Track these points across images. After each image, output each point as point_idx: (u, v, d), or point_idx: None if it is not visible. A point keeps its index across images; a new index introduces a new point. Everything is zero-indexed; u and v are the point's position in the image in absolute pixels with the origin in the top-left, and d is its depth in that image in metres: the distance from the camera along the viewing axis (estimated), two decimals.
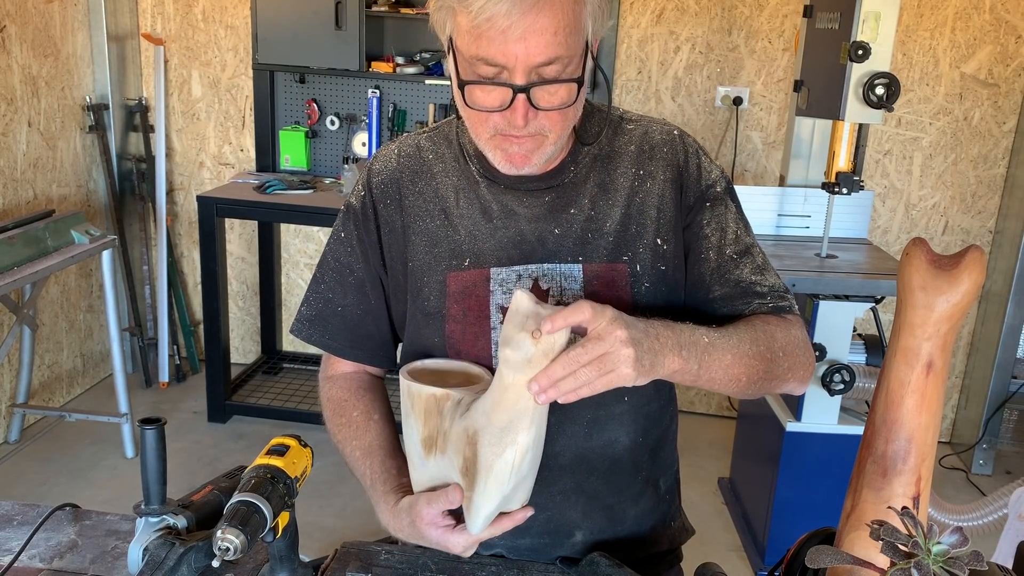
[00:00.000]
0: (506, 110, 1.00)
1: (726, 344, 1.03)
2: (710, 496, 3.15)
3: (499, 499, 0.98)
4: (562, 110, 1.02)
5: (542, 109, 1.01)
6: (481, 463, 0.95)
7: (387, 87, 3.62)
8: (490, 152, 1.07)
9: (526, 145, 1.04)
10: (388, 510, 1.10)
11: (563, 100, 1.01)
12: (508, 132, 1.03)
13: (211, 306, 3.38)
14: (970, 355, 3.58)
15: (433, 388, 1.00)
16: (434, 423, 1.01)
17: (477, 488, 0.97)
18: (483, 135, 1.06)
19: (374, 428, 1.20)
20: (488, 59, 0.97)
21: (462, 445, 0.98)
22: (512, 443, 0.94)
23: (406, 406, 1.04)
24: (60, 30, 3.39)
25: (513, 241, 1.14)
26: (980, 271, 0.85)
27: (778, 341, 1.09)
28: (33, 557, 1.14)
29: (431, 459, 1.03)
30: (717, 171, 1.18)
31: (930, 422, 0.87)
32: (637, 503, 1.22)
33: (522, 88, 0.98)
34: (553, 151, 1.07)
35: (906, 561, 0.72)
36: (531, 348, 0.89)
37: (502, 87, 0.99)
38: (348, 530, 2.80)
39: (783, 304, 1.14)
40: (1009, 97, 3.33)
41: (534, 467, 0.99)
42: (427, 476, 1.05)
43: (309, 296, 1.25)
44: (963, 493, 3.28)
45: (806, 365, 1.14)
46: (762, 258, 1.17)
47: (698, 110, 3.52)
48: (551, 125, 1.03)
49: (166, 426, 1.08)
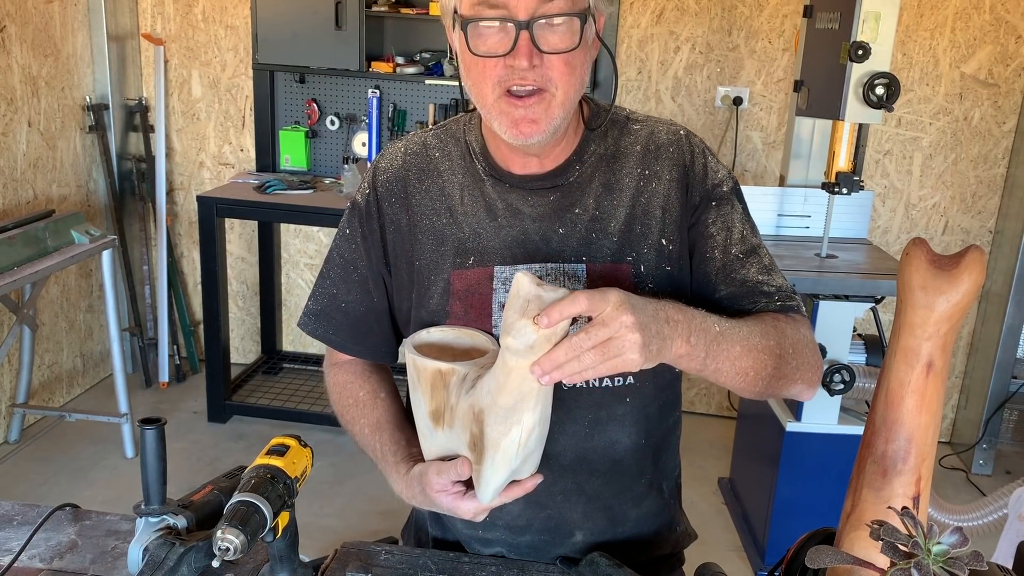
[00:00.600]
0: (509, 55, 1.00)
1: (736, 334, 1.00)
2: (710, 496, 3.15)
3: (507, 472, 0.99)
4: (568, 62, 1.02)
5: (546, 52, 1.01)
6: (488, 441, 0.96)
7: (387, 87, 3.62)
8: (496, 120, 1.05)
9: (533, 108, 1.03)
10: (400, 479, 1.11)
11: (567, 42, 1.01)
12: (513, 80, 1.02)
13: (211, 306, 3.38)
14: (970, 355, 3.58)
15: (438, 363, 1.00)
16: (440, 397, 1.01)
17: (485, 463, 0.98)
18: (488, 97, 1.04)
19: (381, 405, 1.21)
20: (490, 0, 0.99)
21: (469, 422, 0.98)
22: (518, 423, 0.94)
23: (412, 379, 1.04)
24: (60, 30, 3.39)
25: (517, 240, 1.14)
26: (980, 271, 0.85)
27: (788, 338, 1.07)
28: (33, 557, 1.14)
29: (439, 431, 1.03)
30: (724, 171, 1.18)
31: (930, 422, 0.87)
32: (639, 505, 1.22)
33: (525, 24, 0.99)
34: (561, 119, 1.05)
35: (906, 561, 0.72)
36: (533, 335, 0.88)
37: (505, 25, 1.00)
38: (348, 530, 2.80)
39: (791, 304, 1.13)
40: (1009, 97, 3.33)
41: (541, 441, 1.00)
42: (437, 447, 1.05)
43: (315, 291, 1.25)
44: (963, 493, 3.27)
45: (814, 367, 1.11)
46: (769, 258, 1.16)
47: (698, 110, 3.52)
48: (557, 77, 1.02)
49: (166, 426, 1.08)
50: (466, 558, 1.15)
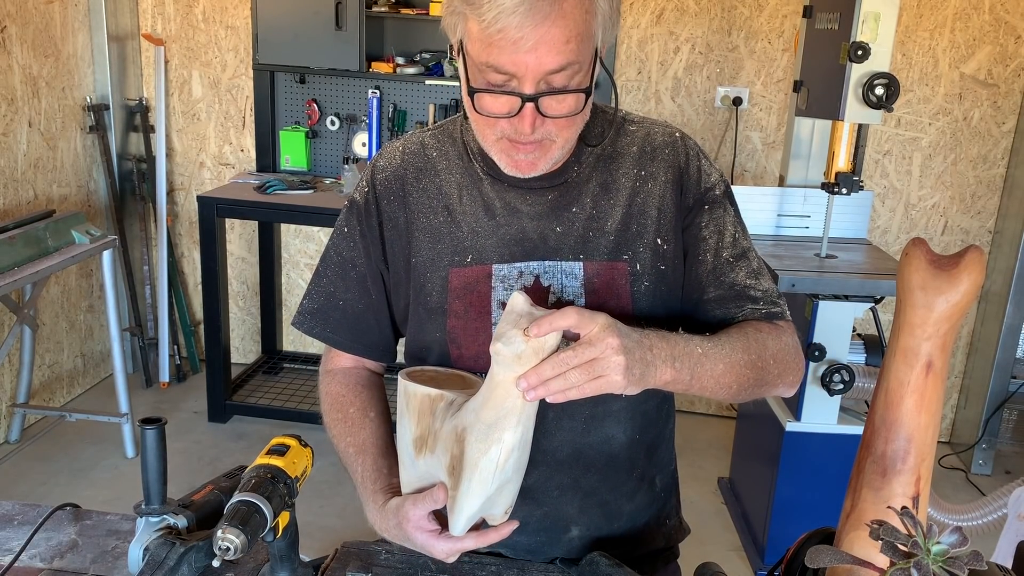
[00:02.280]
0: (514, 117, 1.01)
1: (719, 354, 1.04)
2: (710, 496, 3.15)
3: (482, 499, 0.98)
4: (570, 120, 1.03)
5: (550, 117, 1.01)
6: (467, 460, 0.96)
7: (387, 87, 3.62)
8: (496, 156, 1.08)
9: (532, 153, 1.05)
10: (376, 510, 1.11)
11: (571, 108, 1.02)
12: (515, 138, 1.04)
13: (211, 306, 3.38)
14: (970, 355, 3.58)
15: (428, 388, 1.01)
16: (426, 423, 1.02)
17: (461, 487, 0.98)
18: (489, 138, 1.07)
19: (369, 426, 1.21)
20: (498, 67, 0.98)
21: (451, 443, 0.99)
22: (498, 440, 0.94)
23: (401, 406, 1.05)
24: (60, 30, 3.40)
25: (515, 238, 1.15)
26: (980, 271, 0.85)
27: (769, 349, 1.11)
28: (33, 557, 1.14)
29: (421, 459, 1.04)
30: (717, 174, 1.20)
31: (930, 422, 0.87)
32: (632, 500, 1.23)
33: (531, 97, 0.99)
34: (559, 156, 1.09)
35: (906, 561, 0.72)
36: (522, 344, 0.90)
37: (511, 95, 0.99)
38: (348, 530, 2.80)
39: (775, 311, 1.16)
40: (1008, 97, 3.33)
41: (519, 471, 1.00)
42: (416, 476, 1.06)
43: (311, 290, 1.26)
44: (963, 493, 3.28)
45: (795, 370, 1.16)
46: (757, 262, 1.19)
47: (698, 110, 3.52)
48: (558, 131, 1.04)
49: (166, 426, 1.08)
50: (466, 558, 1.15)
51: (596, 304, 1.13)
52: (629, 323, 1.01)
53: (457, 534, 1.01)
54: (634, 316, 1.14)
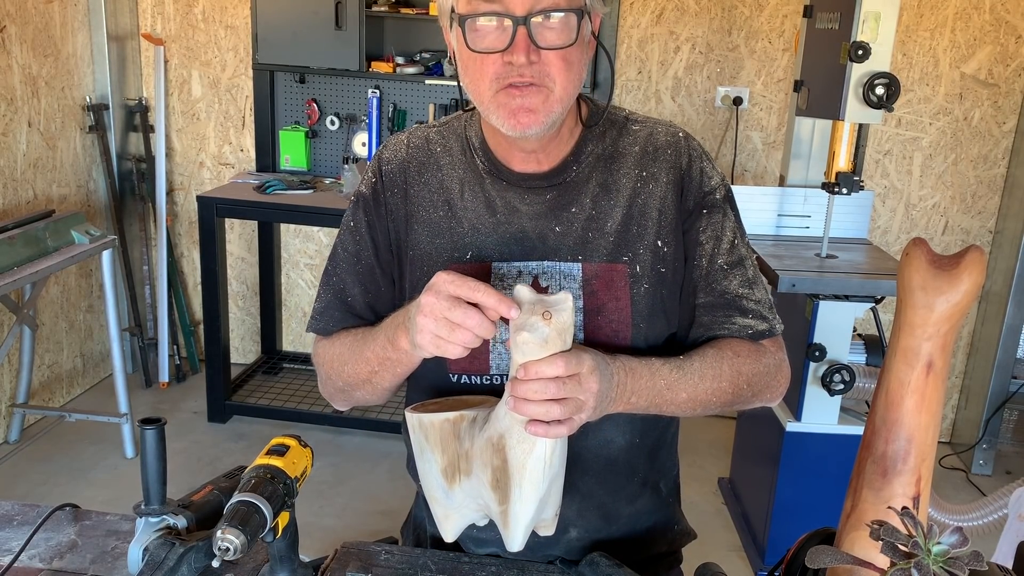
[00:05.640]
0: (507, 51, 1.01)
1: (684, 384, 1.07)
2: (710, 496, 3.15)
3: (536, 501, 0.97)
4: (565, 58, 1.02)
5: (543, 48, 1.01)
6: (513, 466, 0.95)
7: (387, 87, 3.62)
8: (494, 113, 1.05)
9: (531, 98, 1.03)
10: (394, 316, 1.08)
11: (564, 37, 1.02)
12: (511, 78, 1.02)
13: (211, 306, 3.38)
14: (970, 355, 3.58)
15: (447, 413, 1.00)
16: (453, 449, 1.01)
17: (512, 495, 0.97)
18: (486, 93, 1.05)
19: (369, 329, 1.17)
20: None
21: (489, 456, 0.97)
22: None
23: (419, 442, 1.03)
24: (60, 30, 3.39)
25: (515, 237, 1.14)
26: (980, 271, 0.85)
27: (744, 374, 1.12)
28: (33, 557, 1.14)
29: (456, 487, 1.02)
30: (718, 178, 1.18)
31: (930, 422, 0.87)
32: (633, 504, 1.23)
33: (522, 20, 0.99)
34: (559, 113, 1.06)
35: (906, 561, 0.72)
36: (545, 328, 0.91)
37: (502, 21, 1.00)
38: (348, 530, 2.80)
39: (762, 328, 1.16)
40: (1009, 97, 3.33)
41: (563, 463, 1.00)
42: (453, 507, 1.05)
43: (321, 291, 1.24)
44: (963, 493, 3.28)
45: (774, 388, 1.18)
46: (753, 271, 1.18)
47: (698, 110, 3.52)
48: (555, 73, 1.03)
49: (166, 426, 1.08)
50: (466, 558, 1.15)
51: (595, 305, 1.13)
52: (626, 325, 1.01)
53: (516, 549, 1.02)
54: (632, 318, 1.13)
